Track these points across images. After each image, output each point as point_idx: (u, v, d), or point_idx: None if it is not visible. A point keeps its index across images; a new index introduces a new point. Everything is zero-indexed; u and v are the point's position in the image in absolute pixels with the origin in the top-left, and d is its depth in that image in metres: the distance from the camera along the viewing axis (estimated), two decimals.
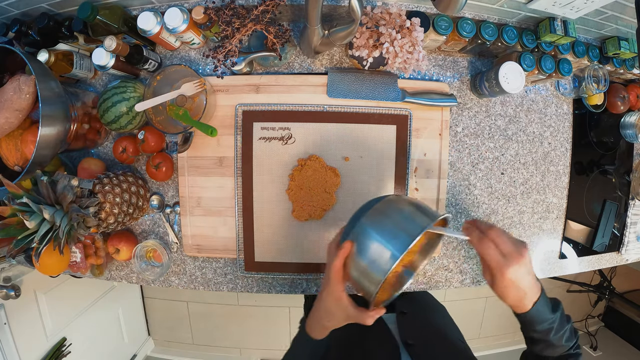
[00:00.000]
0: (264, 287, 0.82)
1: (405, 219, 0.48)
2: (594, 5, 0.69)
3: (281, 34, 0.68)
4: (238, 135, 0.77)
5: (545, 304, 0.47)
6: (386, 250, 0.44)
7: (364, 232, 0.47)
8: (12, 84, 0.60)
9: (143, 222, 0.82)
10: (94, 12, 0.65)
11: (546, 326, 0.47)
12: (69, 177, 0.60)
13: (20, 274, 1.11)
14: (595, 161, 0.94)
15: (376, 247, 0.45)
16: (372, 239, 0.46)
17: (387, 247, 0.44)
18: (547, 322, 0.47)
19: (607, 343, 2.16)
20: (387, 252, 0.44)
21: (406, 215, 0.48)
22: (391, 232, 0.46)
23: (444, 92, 0.80)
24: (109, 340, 1.68)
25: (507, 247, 0.45)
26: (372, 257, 0.45)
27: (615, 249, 0.97)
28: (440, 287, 0.86)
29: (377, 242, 0.45)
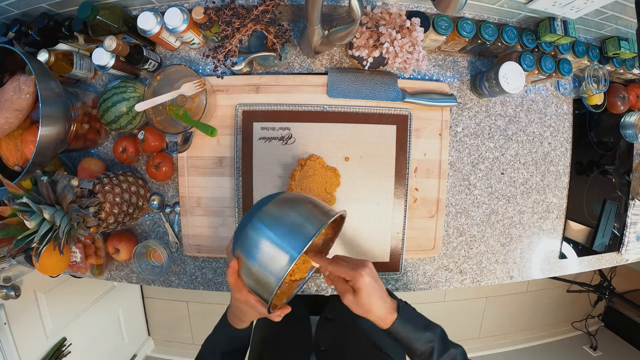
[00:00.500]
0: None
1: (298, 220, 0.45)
2: (594, 5, 0.69)
3: (281, 34, 0.68)
4: (238, 135, 0.77)
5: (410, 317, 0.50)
6: (279, 256, 0.42)
7: (254, 238, 0.45)
8: (12, 84, 0.60)
9: (143, 222, 0.82)
10: (94, 12, 0.65)
11: (423, 344, 0.49)
12: (69, 177, 0.60)
13: (20, 274, 1.11)
14: (595, 161, 0.94)
15: (266, 255, 0.43)
16: (263, 246, 0.44)
17: (279, 253, 0.43)
18: (422, 339, 0.49)
19: (607, 343, 2.16)
20: (280, 258, 0.42)
21: (299, 215, 0.46)
22: (284, 236, 0.43)
23: (444, 92, 0.80)
24: (109, 340, 1.68)
25: (352, 260, 0.50)
26: (263, 264, 0.43)
27: (615, 249, 0.97)
28: (440, 287, 0.86)
29: (268, 249, 0.43)
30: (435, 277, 0.85)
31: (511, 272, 0.89)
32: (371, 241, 0.79)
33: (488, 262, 0.87)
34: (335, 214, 0.47)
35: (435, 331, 0.51)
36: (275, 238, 0.44)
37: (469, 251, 0.86)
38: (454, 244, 0.85)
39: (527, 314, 2.22)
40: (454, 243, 0.85)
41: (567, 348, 2.20)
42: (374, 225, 0.79)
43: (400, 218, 0.79)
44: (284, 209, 0.47)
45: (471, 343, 2.16)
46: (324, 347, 0.60)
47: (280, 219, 0.46)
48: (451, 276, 0.86)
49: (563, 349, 2.20)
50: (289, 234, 0.44)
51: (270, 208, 0.47)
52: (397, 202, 0.79)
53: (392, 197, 0.78)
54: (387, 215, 0.79)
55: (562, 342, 2.25)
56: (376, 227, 0.79)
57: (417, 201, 0.81)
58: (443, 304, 2.10)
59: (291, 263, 0.41)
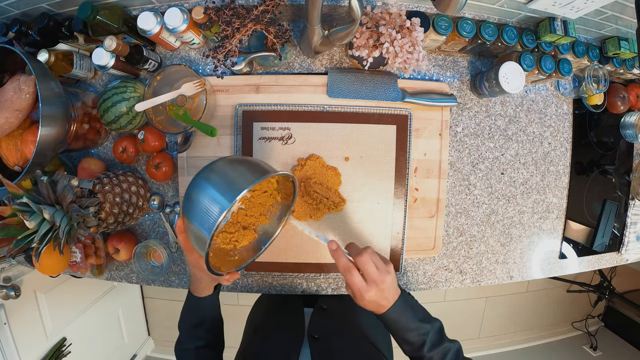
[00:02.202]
0: (264, 287, 0.82)
1: (235, 175, 0.47)
2: (594, 5, 0.69)
3: (281, 34, 0.68)
4: (238, 135, 0.77)
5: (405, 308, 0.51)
6: (211, 208, 0.44)
7: (192, 195, 0.47)
8: (12, 84, 0.60)
9: (143, 222, 0.82)
10: (94, 12, 0.65)
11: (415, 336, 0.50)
12: (69, 177, 0.60)
13: (20, 274, 1.11)
14: (595, 161, 0.94)
15: (201, 209, 0.45)
16: (199, 201, 0.45)
17: (212, 205, 0.44)
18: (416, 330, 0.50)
19: (607, 343, 2.16)
20: (213, 210, 0.43)
21: (238, 172, 0.47)
22: (218, 190, 0.45)
23: (444, 92, 0.80)
24: (109, 340, 1.68)
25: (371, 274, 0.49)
26: (200, 217, 0.45)
27: (615, 249, 0.97)
28: (440, 287, 0.86)
29: (203, 203, 0.45)
30: (435, 277, 0.85)
31: (511, 272, 0.89)
32: (371, 241, 0.79)
33: (488, 262, 0.87)
34: (278, 171, 0.49)
35: (433, 324, 0.52)
36: (210, 192, 0.45)
37: (469, 251, 0.86)
38: (454, 244, 0.85)
39: (527, 314, 2.22)
40: (454, 243, 0.85)
41: (567, 348, 2.20)
42: (374, 225, 0.79)
43: (400, 218, 0.79)
44: (227, 166, 0.49)
45: (471, 343, 2.16)
46: (317, 335, 0.61)
47: (219, 175, 0.47)
48: (451, 276, 0.86)
49: (563, 349, 2.20)
50: (223, 187, 0.45)
51: (213, 166, 0.49)
52: (397, 202, 0.79)
53: (392, 197, 0.79)
54: (387, 215, 0.79)
55: (562, 342, 2.25)
56: (376, 227, 0.79)
57: (417, 201, 0.81)
58: (443, 304, 2.10)
59: (221, 213, 0.42)
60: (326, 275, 0.80)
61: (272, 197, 0.62)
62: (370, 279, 0.49)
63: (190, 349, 0.61)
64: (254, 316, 0.84)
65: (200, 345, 0.61)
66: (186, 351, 0.61)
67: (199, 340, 0.61)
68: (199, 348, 0.60)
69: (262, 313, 0.82)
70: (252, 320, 0.82)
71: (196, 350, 0.60)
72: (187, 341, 0.61)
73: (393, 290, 0.51)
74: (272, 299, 0.84)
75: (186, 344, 0.61)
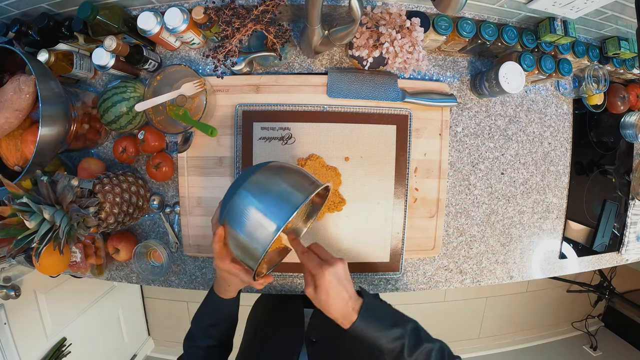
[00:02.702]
0: (265, 287, 0.82)
1: (284, 189, 0.46)
2: (594, 5, 0.69)
3: (281, 34, 0.68)
4: (238, 135, 0.77)
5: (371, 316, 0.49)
6: (264, 225, 0.43)
7: (240, 207, 0.46)
8: (12, 84, 0.60)
9: (143, 222, 0.82)
10: (94, 12, 0.65)
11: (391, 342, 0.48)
12: (69, 177, 0.60)
13: (20, 274, 1.11)
14: (595, 161, 0.94)
15: (253, 223, 0.44)
16: (249, 214, 0.45)
17: (264, 221, 0.43)
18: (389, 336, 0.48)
19: (607, 343, 2.16)
20: (266, 227, 0.43)
21: (285, 185, 0.47)
22: (270, 205, 0.44)
23: (444, 92, 0.80)
24: (109, 340, 1.68)
25: (325, 255, 0.52)
26: (251, 231, 0.44)
27: (615, 249, 0.97)
28: (440, 287, 0.86)
29: (254, 218, 0.44)
30: (435, 277, 0.85)
31: (511, 272, 0.89)
32: (371, 241, 0.79)
33: (488, 262, 0.87)
34: (322, 184, 0.49)
35: (405, 327, 0.50)
36: (261, 207, 0.44)
37: (469, 251, 0.86)
38: (454, 244, 0.85)
39: (527, 314, 2.22)
40: (454, 243, 0.85)
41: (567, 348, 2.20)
42: (374, 225, 0.79)
43: (400, 218, 0.79)
44: (272, 177, 0.48)
45: (471, 343, 2.16)
46: (315, 339, 0.61)
47: (267, 187, 0.46)
48: (451, 276, 0.86)
49: (563, 349, 2.20)
50: (275, 203, 0.44)
51: (257, 177, 0.48)
52: (397, 202, 0.79)
53: (392, 197, 0.79)
54: (387, 215, 0.79)
55: (562, 342, 2.25)
56: (376, 227, 0.79)
57: (417, 201, 0.81)
58: (443, 304, 2.10)
59: (277, 232, 0.42)
60: None
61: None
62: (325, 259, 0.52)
63: (201, 347, 0.60)
64: (254, 316, 0.84)
65: (212, 345, 0.60)
66: (196, 348, 0.60)
67: (212, 340, 0.60)
68: (209, 347, 0.60)
69: (261, 313, 0.82)
70: (252, 320, 0.82)
71: (206, 349, 0.60)
72: (200, 339, 0.61)
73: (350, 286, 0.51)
74: (272, 299, 0.84)
75: (198, 342, 0.60)
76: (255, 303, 0.91)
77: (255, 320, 0.80)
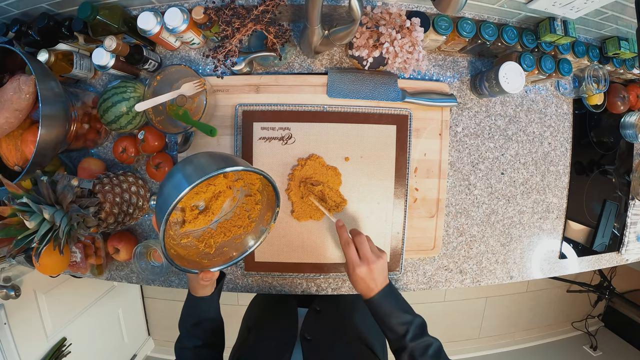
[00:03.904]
0: (264, 287, 0.82)
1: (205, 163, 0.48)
2: (594, 5, 0.69)
3: (281, 34, 0.68)
4: (238, 135, 0.77)
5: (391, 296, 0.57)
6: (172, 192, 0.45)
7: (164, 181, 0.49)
8: (12, 84, 0.60)
9: (143, 222, 0.82)
10: (94, 12, 0.65)
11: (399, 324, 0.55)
12: (69, 177, 0.60)
13: (20, 274, 1.11)
14: (595, 161, 0.94)
15: (165, 193, 0.47)
16: (165, 186, 0.48)
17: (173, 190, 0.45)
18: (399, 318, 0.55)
19: (607, 343, 2.16)
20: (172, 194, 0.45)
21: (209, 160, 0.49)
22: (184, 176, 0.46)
23: (444, 92, 0.80)
24: (109, 340, 1.68)
25: (365, 252, 0.58)
26: (162, 201, 0.46)
27: (615, 249, 0.97)
28: (440, 287, 0.86)
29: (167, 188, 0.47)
30: (435, 277, 0.85)
31: (511, 272, 0.89)
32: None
33: (488, 262, 0.87)
34: (249, 167, 0.49)
35: (415, 317, 0.56)
36: (175, 178, 0.47)
37: (469, 251, 0.86)
38: (454, 244, 0.85)
39: (527, 314, 2.22)
40: (454, 243, 0.85)
41: (567, 348, 2.20)
42: (374, 225, 0.79)
43: (400, 218, 0.79)
44: (196, 158, 0.50)
45: (471, 343, 2.16)
46: (309, 337, 0.61)
47: (186, 165, 0.49)
48: (451, 276, 0.86)
49: (563, 349, 2.20)
50: (189, 174, 0.46)
51: (187, 158, 0.51)
52: (397, 202, 0.79)
53: (392, 197, 0.79)
54: (387, 215, 0.79)
55: (562, 342, 2.25)
56: (376, 227, 0.79)
57: (417, 201, 0.81)
58: (443, 304, 2.10)
59: (178, 194, 0.43)
60: (326, 276, 0.80)
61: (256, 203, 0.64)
62: (363, 257, 0.57)
63: (188, 348, 0.61)
64: (248, 315, 0.84)
65: (199, 345, 0.61)
66: (185, 350, 0.61)
67: (197, 339, 0.61)
68: (197, 347, 0.61)
69: (256, 312, 0.82)
70: (247, 319, 0.82)
71: (194, 350, 0.61)
72: (186, 340, 0.62)
73: (382, 277, 0.58)
74: (267, 298, 0.85)
75: (185, 343, 0.62)
76: (251, 303, 0.91)
77: (250, 319, 0.80)
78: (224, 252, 0.61)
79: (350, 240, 0.60)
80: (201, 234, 0.63)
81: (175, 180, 0.46)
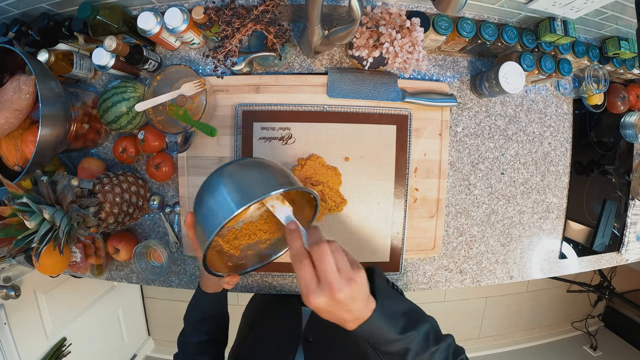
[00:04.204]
0: (264, 287, 0.82)
1: (253, 180, 0.44)
2: (594, 5, 0.69)
3: (281, 34, 0.68)
4: (238, 135, 0.77)
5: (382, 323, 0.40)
6: (218, 210, 0.41)
7: (202, 192, 0.44)
8: (12, 84, 0.60)
9: (143, 222, 0.82)
10: (94, 12, 0.65)
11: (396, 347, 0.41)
12: (69, 177, 0.60)
13: (20, 274, 1.11)
14: (595, 161, 0.94)
15: (208, 208, 0.42)
16: (207, 200, 0.43)
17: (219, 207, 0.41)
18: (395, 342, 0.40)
19: (607, 343, 2.16)
20: (218, 212, 0.41)
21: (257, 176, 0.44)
22: (230, 192, 0.42)
23: (444, 92, 0.80)
24: (109, 340, 1.68)
25: (326, 274, 0.37)
26: (204, 216, 0.43)
27: (615, 249, 0.97)
28: (440, 287, 0.86)
29: (212, 203, 0.42)
30: (435, 277, 0.85)
31: (511, 272, 0.89)
32: (371, 241, 0.79)
33: (488, 262, 0.87)
34: (299, 187, 0.44)
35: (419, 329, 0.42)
36: (220, 192, 0.42)
37: (469, 251, 0.86)
38: (454, 244, 0.85)
39: (527, 314, 2.22)
40: (454, 243, 0.85)
41: (567, 348, 2.20)
42: (374, 225, 0.79)
43: (400, 218, 0.79)
44: (246, 168, 0.46)
45: (471, 343, 2.16)
46: (312, 339, 0.60)
47: (233, 178, 0.44)
48: (451, 276, 0.86)
49: (563, 349, 2.20)
50: (235, 191, 0.42)
51: (230, 168, 0.46)
52: (397, 202, 0.79)
53: (392, 197, 0.79)
54: (387, 215, 0.79)
55: (562, 342, 2.25)
56: (376, 227, 0.79)
57: (417, 201, 0.81)
58: (443, 304, 2.11)
59: (227, 217, 0.39)
60: None
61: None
62: (323, 280, 0.37)
63: (192, 343, 0.61)
64: (249, 311, 0.83)
65: (203, 340, 0.61)
66: (188, 344, 0.61)
67: (203, 335, 0.61)
68: (201, 343, 0.60)
69: (257, 309, 0.81)
70: (247, 316, 0.81)
71: (198, 345, 0.60)
72: (191, 335, 0.61)
73: (360, 304, 0.39)
74: (269, 296, 0.84)
75: (189, 338, 0.61)
76: (252, 299, 0.90)
77: (251, 316, 0.79)
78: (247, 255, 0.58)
79: (304, 254, 0.40)
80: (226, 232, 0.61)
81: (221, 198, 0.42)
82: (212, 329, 0.62)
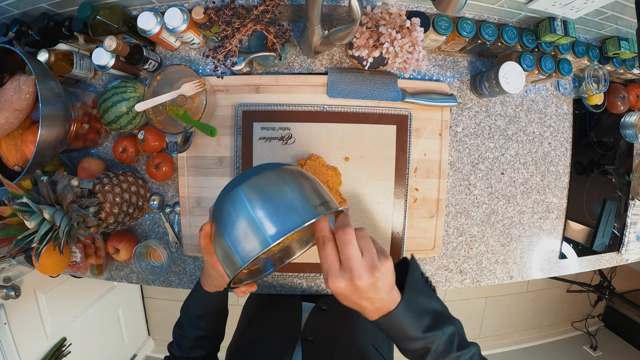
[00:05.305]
0: (264, 286, 0.82)
1: (285, 204, 0.38)
2: (594, 5, 0.69)
3: (281, 34, 0.68)
4: (238, 135, 0.77)
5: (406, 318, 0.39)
6: (251, 238, 0.37)
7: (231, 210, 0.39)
8: (12, 84, 0.60)
9: (143, 222, 0.82)
10: (94, 12, 0.65)
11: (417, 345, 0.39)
12: (69, 177, 0.60)
13: (20, 274, 1.11)
14: (595, 161, 0.94)
15: (239, 232, 0.38)
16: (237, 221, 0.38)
17: (252, 234, 0.37)
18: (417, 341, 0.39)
19: (607, 343, 2.16)
20: (252, 240, 0.37)
21: (289, 199, 0.39)
22: (264, 217, 0.37)
23: (444, 92, 0.80)
24: (109, 340, 1.68)
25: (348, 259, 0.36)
26: (236, 238, 0.38)
27: (615, 249, 0.97)
28: (440, 287, 0.86)
29: (243, 226, 0.38)
30: (435, 277, 0.85)
31: (511, 272, 0.89)
32: None
33: (488, 262, 0.87)
34: (337, 207, 0.40)
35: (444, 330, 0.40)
36: (252, 217, 0.38)
37: (469, 251, 0.86)
38: (454, 244, 0.85)
39: (527, 314, 2.22)
40: (454, 243, 0.85)
41: (567, 348, 2.20)
42: (374, 225, 0.79)
43: (400, 218, 0.79)
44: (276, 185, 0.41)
45: None
46: (311, 338, 0.59)
47: (267, 196, 0.39)
48: (451, 276, 0.86)
49: (563, 349, 2.20)
50: (270, 216, 0.37)
51: (261, 179, 0.41)
52: (397, 202, 0.79)
53: (392, 197, 0.79)
54: (387, 215, 0.79)
55: (562, 342, 2.25)
56: (376, 227, 0.79)
57: (417, 201, 0.81)
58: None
59: (262, 249, 0.36)
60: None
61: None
62: (345, 265, 0.36)
63: (189, 337, 0.59)
64: (249, 306, 0.82)
65: (201, 336, 0.59)
66: (185, 338, 0.59)
67: (200, 330, 0.59)
68: (198, 337, 0.59)
69: (258, 304, 0.80)
70: (247, 310, 0.80)
71: (195, 340, 0.59)
72: (188, 329, 0.60)
73: (383, 294, 0.38)
74: None
75: (187, 332, 0.60)
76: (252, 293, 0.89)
77: (250, 310, 0.78)
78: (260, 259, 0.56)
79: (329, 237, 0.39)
80: None
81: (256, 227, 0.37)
82: (211, 325, 0.60)
